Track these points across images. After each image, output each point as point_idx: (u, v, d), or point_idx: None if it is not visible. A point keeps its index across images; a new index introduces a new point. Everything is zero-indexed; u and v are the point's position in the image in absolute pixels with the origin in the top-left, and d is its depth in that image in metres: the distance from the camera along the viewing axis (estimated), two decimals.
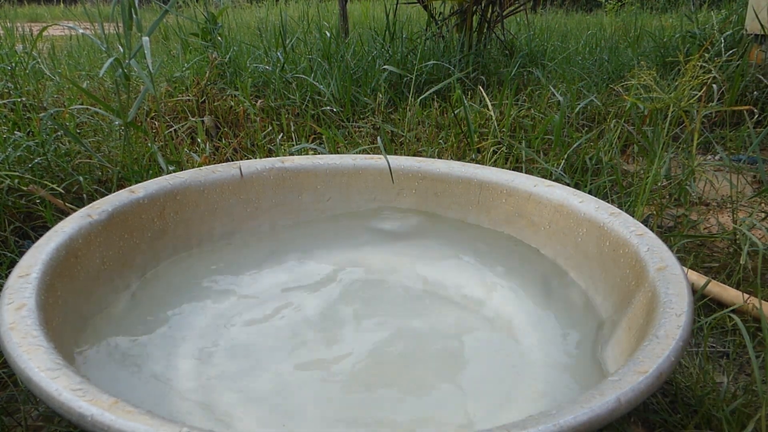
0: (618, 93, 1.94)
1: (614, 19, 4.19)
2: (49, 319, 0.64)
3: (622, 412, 0.51)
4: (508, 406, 0.71)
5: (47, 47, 2.58)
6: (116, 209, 0.86)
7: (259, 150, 1.52)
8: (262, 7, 4.36)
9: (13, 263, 0.93)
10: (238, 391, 0.73)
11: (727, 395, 0.74)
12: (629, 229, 0.83)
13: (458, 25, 2.27)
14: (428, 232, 1.09)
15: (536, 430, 0.47)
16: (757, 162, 1.13)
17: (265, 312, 0.89)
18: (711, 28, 2.37)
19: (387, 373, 0.77)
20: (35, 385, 0.52)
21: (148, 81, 1.19)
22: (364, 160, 1.11)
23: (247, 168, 1.04)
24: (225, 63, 1.91)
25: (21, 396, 0.76)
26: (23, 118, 1.37)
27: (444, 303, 0.93)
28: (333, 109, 1.75)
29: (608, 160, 1.37)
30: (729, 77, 1.92)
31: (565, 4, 5.26)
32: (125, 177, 1.22)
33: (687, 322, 0.62)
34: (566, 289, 0.93)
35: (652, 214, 1.23)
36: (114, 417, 0.47)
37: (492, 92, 1.89)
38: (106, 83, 1.87)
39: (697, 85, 1.11)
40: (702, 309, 0.97)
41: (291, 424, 0.68)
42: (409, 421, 0.69)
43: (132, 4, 1.18)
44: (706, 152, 1.80)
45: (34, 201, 1.12)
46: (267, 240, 1.05)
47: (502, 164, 1.39)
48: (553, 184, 1.00)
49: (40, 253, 0.72)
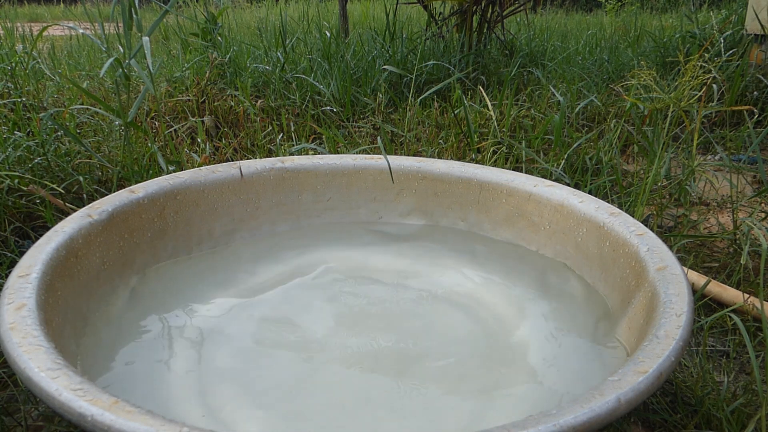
0: (618, 93, 1.94)
1: (614, 19, 4.19)
2: (49, 319, 0.64)
3: (622, 412, 0.51)
4: (505, 405, 0.71)
5: (47, 47, 2.58)
6: (116, 209, 0.86)
7: (259, 150, 1.52)
8: (262, 7, 4.36)
9: (13, 263, 0.93)
10: (238, 390, 0.72)
11: (727, 395, 0.74)
12: (629, 229, 0.83)
13: (458, 25, 2.27)
14: (428, 233, 1.09)
15: (536, 430, 0.47)
16: (757, 162, 1.13)
17: (265, 311, 0.89)
18: (711, 28, 2.37)
19: (387, 373, 0.77)
20: (35, 385, 0.52)
21: (148, 81, 1.19)
22: (364, 160, 1.11)
23: (247, 168, 1.04)
24: (225, 63, 1.91)
25: (21, 396, 0.76)
26: (23, 118, 1.37)
27: (443, 302, 0.93)
28: (333, 109, 1.75)
29: (608, 160, 1.37)
30: (729, 77, 1.92)
31: (565, 4, 5.26)
32: (125, 177, 1.22)
33: (687, 322, 0.62)
34: (565, 287, 0.93)
35: (652, 214, 1.23)
36: (114, 417, 0.47)
37: (492, 92, 1.89)
38: (106, 83, 1.87)
39: (697, 85, 1.11)
40: (702, 309, 0.97)
41: (291, 423, 0.68)
42: (409, 421, 0.69)
43: (132, 4, 1.18)
44: (706, 152, 1.80)
45: (34, 201, 1.12)
46: (267, 239, 1.05)
47: (502, 164, 1.39)
48: (553, 184, 0.99)
49: (40, 253, 0.72)
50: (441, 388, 0.74)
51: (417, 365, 0.78)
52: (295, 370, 0.77)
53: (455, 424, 0.69)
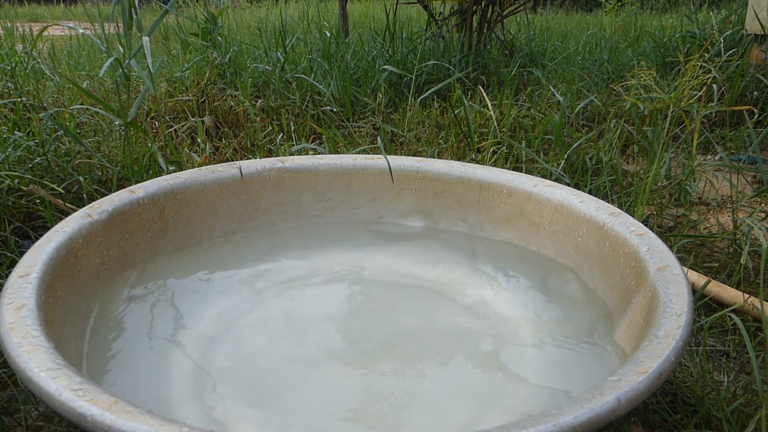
0: (618, 93, 1.94)
1: (614, 19, 4.19)
2: (49, 319, 0.64)
3: (622, 412, 0.51)
4: (506, 405, 0.71)
5: (47, 47, 2.58)
6: (116, 209, 0.86)
7: (259, 150, 1.52)
8: (262, 7, 4.36)
9: (13, 263, 0.93)
10: (238, 390, 0.73)
11: (727, 395, 0.74)
12: (629, 229, 0.83)
13: (458, 25, 2.27)
14: (428, 233, 1.09)
15: (536, 430, 0.47)
16: (757, 162, 1.13)
17: (265, 311, 0.89)
18: (711, 28, 2.37)
19: (386, 373, 0.77)
20: (35, 385, 0.52)
21: (148, 81, 1.19)
22: (364, 160, 1.11)
23: (247, 168, 1.04)
24: (225, 63, 1.91)
25: (21, 396, 0.76)
26: (23, 118, 1.37)
27: (444, 302, 0.93)
28: (333, 109, 1.75)
29: (608, 160, 1.37)
30: (729, 77, 1.92)
31: (565, 4, 5.26)
32: (125, 177, 1.22)
33: (687, 322, 0.62)
34: (565, 287, 0.93)
35: (652, 214, 1.23)
36: (114, 417, 0.47)
37: (492, 92, 1.89)
38: (106, 83, 1.87)
39: (697, 85, 1.11)
40: (702, 309, 0.97)
41: (291, 423, 0.68)
42: (409, 420, 0.69)
43: (132, 4, 1.18)
44: (706, 152, 1.80)
45: (34, 201, 1.12)
46: (267, 239, 1.05)
47: (502, 164, 1.39)
48: (553, 184, 1.00)
49: (40, 253, 0.72)
50: (441, 388, 0.74)
51: (417, 365, 0.78)
52: (295, 369, 0.77)
53: (455, 424, 0.69)
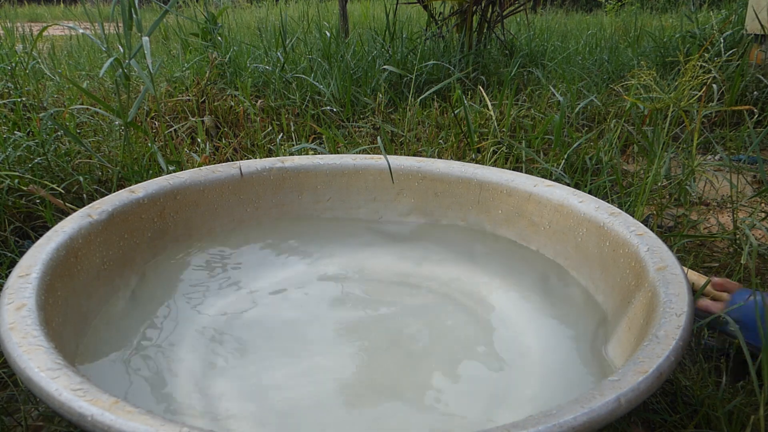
0: (618, 93, 1.94)
1: (614, 19, 4.19)
2: (49, 319, 0.64)
3: (622, 412, 0.51)
4: (506, 405, 0.71)
5: (47, 47, 2.58)
6: (116, 209, 0.86)
7: (259, 150, 1.52)
8: (262, 7, 4.36)
9: (13, 263, 0.93)
10: (238, 390, 0.73)
11: (726, 395, 0.74)
12: (629, 229, 0.83)
13: (458, 25, 2.27)
14: (428, 233, 1.09)
15: (536, 430, 0.47)
16: (757, 162, 1.13)
17: (265, 311, 0.89)
18: (711, 28, 2.37)
19: (387, 373, 0.77)
20: (35, 385, 0.52)
21: (148, 81, 1.19)
22: (364, 160, 1.11)
23: (247, 168, 1.04)
24: (225, 63, 1.91)
25: (21, 396, 0.76)
26: (23, 118, 1.37)
27: (444, 302, 0.93)
28: (333, 109, 1.75)
29: (608, 160, 1.37)
30: (729, 77, 1.92)
31: (565, 4, 5.26)
32: (125, 177, 1.22)
33: (687, 322, 0.62)
34: (566, 288, 0.93)
35: (652, 214, 1.23)
36: (114, 417, 0.47)
37: (492, 92, 1.89)
38: (106, 83, 1.87)
39: (697, 85, 1.11)
40: None
41: (291, 422, 0.68)
42: (409, 421, 0.69)
43: (132, 4, 1.18)
44: (706, 152, 1.80)
45: (34, 201, 1.12)
46: (267, 239, 1.05)
47: (502, 164, 1.39)
48: (553, 183, 1.00)
49: (40, 253, 0.72)
50: (441, 388, 0.74)
51: (417, 366, 0.78)
52: (296, 370, 0.77)
53: (455, 424, 0.69)
